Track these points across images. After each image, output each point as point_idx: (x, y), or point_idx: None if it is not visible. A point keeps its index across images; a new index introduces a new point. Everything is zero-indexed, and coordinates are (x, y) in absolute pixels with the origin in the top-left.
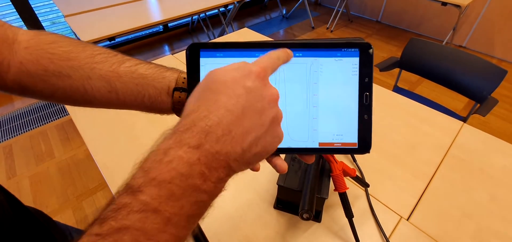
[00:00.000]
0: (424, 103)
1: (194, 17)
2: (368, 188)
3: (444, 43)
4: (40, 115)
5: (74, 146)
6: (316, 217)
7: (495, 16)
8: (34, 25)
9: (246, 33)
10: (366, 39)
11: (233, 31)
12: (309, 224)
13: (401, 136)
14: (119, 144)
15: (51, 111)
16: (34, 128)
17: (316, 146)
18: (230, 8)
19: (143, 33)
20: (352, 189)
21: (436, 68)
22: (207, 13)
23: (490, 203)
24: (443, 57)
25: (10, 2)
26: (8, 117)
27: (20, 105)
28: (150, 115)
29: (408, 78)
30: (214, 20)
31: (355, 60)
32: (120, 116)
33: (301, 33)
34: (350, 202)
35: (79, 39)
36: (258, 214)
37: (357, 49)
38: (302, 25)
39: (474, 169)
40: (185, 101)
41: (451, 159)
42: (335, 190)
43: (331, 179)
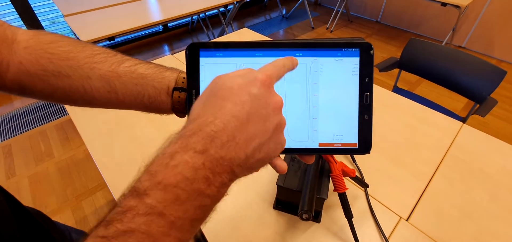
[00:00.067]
0: (423, 104)
1: (194, 17)
2: (367, 189)
3: (443, 43)
4: (39, 115)
5: (73, 146)
6: (316, 217)
7: (495, 17)
8: (33, 24)
9: (245, 33)
10: (366, 40)
11: (233, 31)
12: (308, 224)
13: (400, 136)
14: (119, 144)
15: (50, 111)
16: (33, 128)
17: (316, 146)
18: (230, 8)
19: (143, 33)
20: (352, 190)
21: (436, 69)
22: (207, 13)
23: (489, 203)
24: (442, 58)
25: (10, 2)
26: (7, 117)
27: (19, 105)
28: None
29: (407, 79)
30: (214, 20)
31: (356, 60)
32: (119, 116)
33: (301, 33)
34: (350, 203)
35: (79, 39)
36: (258, 214)
37: (357, 49)
38: (302, 25)
39: (473, 169)
40: (184, 101)
41: (451, 159)
42: (335, 190)
43: (330, 179)
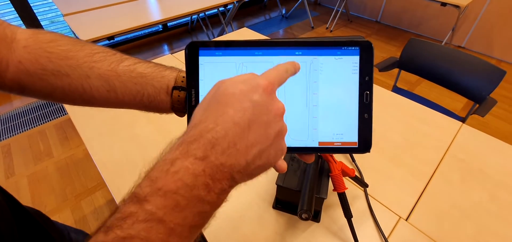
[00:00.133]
0: (423, 104)
1: (193, 17)
2: (367, 188)
3: (443, 43)
4: (38, 115)
5: (72, 146)
6: (315, 217)
7: (494, 17)
8: (33, 24)
9: (245, 32)
10: (366, 39)
11: (232, 30)
12: (308, 224)
13: (400, 136)
14: (118, 143)
15: (49, 110)
16: (32, 127)
17: (316, 145)
18: (230, 8)
19: (143, 32)
20: (351, 189)
21: (435, 69)
22: (206, 13)
23: (489, 203)
24: (442, 58)
25: (9, 1)
26: (7, 117)
27: (18, 104)
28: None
29: (407, 79)
30: (213, 20)
31: (356, 59)
32: (119, 116)
33: (300, 33)
34: (349, 202)
35: (78, 38)
36: (257, 214)
37: (357, 48)
38: (301, 25)
39: (473, 169)
40: (184, 100)
41: (450, 159)
42: (334, 190)
43: (330, 179)
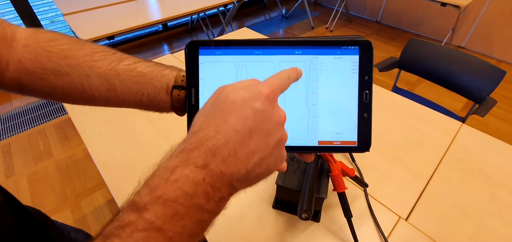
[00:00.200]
0: (423, 104)
1: (193, 17)
2: (367, 188)
3: (443, 43)
4: (38, 114)
5: (72, 145)
6: (315, 216)
7: (494, 17)
8: (32, 23)
9: (245, 32)
10: (366, 39)
11: (232, 30)
12: (308, 223)
13: (400, 136)
14: (118, 143)
15: (49, 110)
16: (32, 127)
17: (315, 144)
18: (230, 8)
19: (143, 32)
20: (351, 189)
21: (435, 69)
22: (206, 13)
23: (489, 203)
24: (442, 58)
25: (9, 0)
26: (7, 116)
27: (18, 104)
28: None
29: (407, 79)
30: (213, 20)
31: (355, 58)
32: (119, 115)
33: (300, 33)
34: (349, 202)
35: (78, 38)
36: (257, 214)
37: (357, 47)
38: (301, 25)
39: (473, 169)
40: (184, 99)
41: (450, 159)
42: (334, 189)
43: (330, 178)
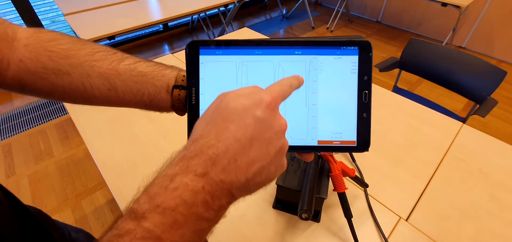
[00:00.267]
0: (423, 104)
1: (194, 17)
2: (367, 188)
3: (444, 43)
4: (39, 114)
5: (73, 145)
6: (315, 217)
7: (495, 17)
8: (33, 23)
9: (246, 32)
10: (365, 39)
11: (233, 30)
12: (308, 224)
13: (400, 136)
14: (118, 143)
15: (50, 110)
16: (33, 127)
17: (315, 144)
18: (230, 8)
19: (143, 32)
20: (351, 189)
21: (436, 69)
22: (207, 13)
23: (489, 203)
24: (442, 58)
25: (10, 0)
26: (7, 116)
27: (19, 104)
28: (149, 114)
29: (407, 79)
30: (214, 20)
31: (355, 59)
32: (119, 115)
33: (301, 33)
34: (349, 202)
35: (79, 38)
36: (257, 214)
37: (356, 48)
38: (302, 25)
39: (473, 169)
40: (184, 99)
41: (451, 160)
42: (334, 190)
43: (330, 179)
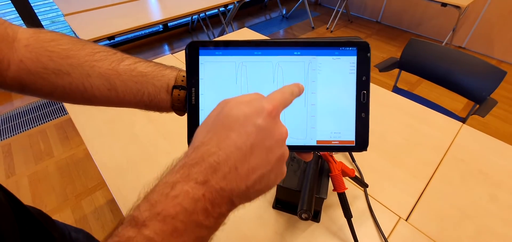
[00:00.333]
0: (423, 104)
1: (194, 17)
2: (367, 188)
3: (443, 44)
4: (39, 114)
5: (73, 145)
6: (315, 217)
7: (495, 17)
8: (33, 24)
9: (246, 33)
10: (365, 40)
11: (233, 31)
12: (308, 224)
13: (400, 136)
14: (118, 143)
15: (50, 110)
16: (33, 127)
17: (314, 143)
18: (230, 8)
19: (143, 32)
20: (351, 189)
21: (436, 69)
22: (207, 13)
23: (489, 203)
24: (442, 58)
25: (10, 1)
26: (7, 116)
27: (19, 104)
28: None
29: (407, 79)
30: (214, 20)
31: (353, 59)
32: (119, 115)
33: (301, 33)
34: (349, 202)
35: (79, 38)
36: (257, 214)
37: (354, 48)
38: (302, 25)
39: (473, 169)
40: (184, 99)
41: (450, 160)
42: (334, 190)
43: (330, 179)
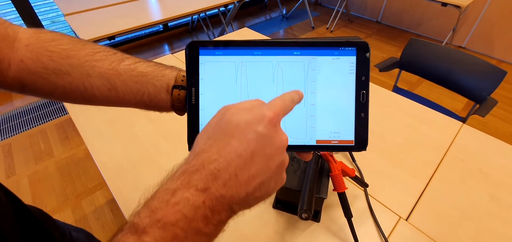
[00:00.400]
0: (423, 104)
1: (194, 17)
2: (367, 188)
3: (444, 43)
4: (39, 114)
5: (73, 145)
6: (315, 216)
7: (495, 17)
8: (33, 24)
9: (246, 33)
10: (365, 40)
11: (233, 30)
12: (308, 223)
13: (400, 136)
14: (119, 143)
15: (50, 110)
16: (33, 127)
17: (313, 143)
18: (230, 8)
19: (143, 32)
20: (351, 189)
21: (436, 69)
22: (207, 13)
23: (489, 203)
24: (442, 58)
25: (10, 1)
26: (8, 116)
27: (19, 104)
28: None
29: (407, 79)
30: (214, 20)
31: (352, 59)
32: (119, 115)
33: (301, 33)
34: (349, 202)
35: (79, 38)
36: (257, 214)
37: (354, 48)
38: (302, 25)
39: (473, 169)
40: (184, 99)
41: (450, 160)
42: (334, 189)
43: (330, 178)
